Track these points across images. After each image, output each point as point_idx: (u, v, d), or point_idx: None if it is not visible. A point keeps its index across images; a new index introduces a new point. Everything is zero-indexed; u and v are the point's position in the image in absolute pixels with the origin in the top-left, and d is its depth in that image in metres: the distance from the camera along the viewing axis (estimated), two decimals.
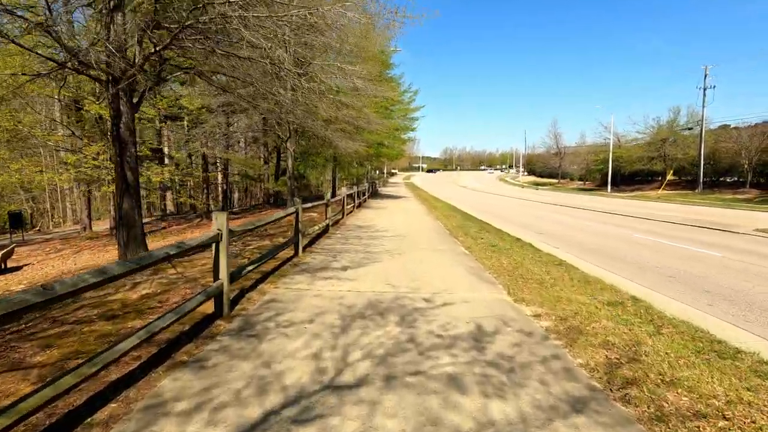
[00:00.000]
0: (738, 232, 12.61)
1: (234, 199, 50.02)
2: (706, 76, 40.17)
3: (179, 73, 7.96)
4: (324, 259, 7.61)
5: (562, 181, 73.10)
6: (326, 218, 11.41)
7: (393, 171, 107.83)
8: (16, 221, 26.03)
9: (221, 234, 4.41)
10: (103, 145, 16.32)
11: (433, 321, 4.33)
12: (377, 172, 74.00)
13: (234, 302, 4.87)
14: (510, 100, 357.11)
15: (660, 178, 48.31)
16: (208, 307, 4.49)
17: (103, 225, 33.44)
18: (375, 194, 34.55)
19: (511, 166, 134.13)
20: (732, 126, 44.55)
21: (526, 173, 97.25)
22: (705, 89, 40.16)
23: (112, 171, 17.24)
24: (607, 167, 50.63)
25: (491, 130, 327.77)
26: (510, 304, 4.94)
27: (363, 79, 16.29)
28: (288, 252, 8.04)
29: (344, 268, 6.78)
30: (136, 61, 6.27)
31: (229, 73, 8.59)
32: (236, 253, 8.15)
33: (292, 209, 7.53)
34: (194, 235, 18.17)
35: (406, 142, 29.83)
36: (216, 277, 4.46)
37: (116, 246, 19.13)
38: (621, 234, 12.15)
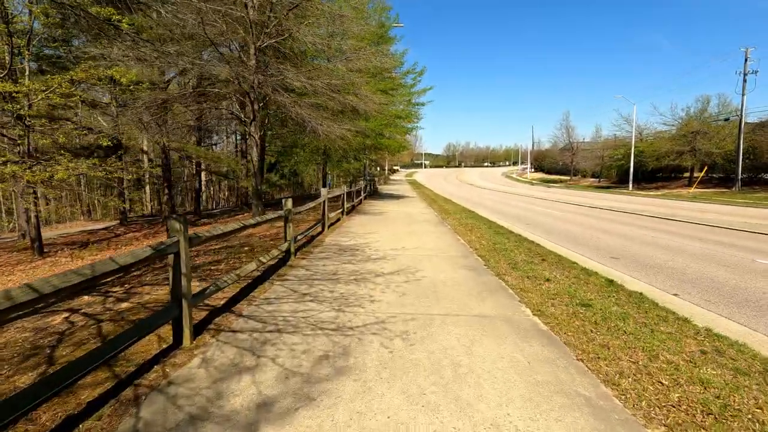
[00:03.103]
0: None
1: (219, 199, 45.84)
2: (746, 59, 35.64)
3: None
4: (230, 361, 3.28)
5: (574, 178, 68.56)
6: (286, 240, 7.11)
7: (394, 167, 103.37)
8: None
9: None
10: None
11: None
12: (377, 168, 69.79)
13: None
14: (515, 96, 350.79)
15: (687, 175, 44.00)
16: None
17: (66, 228, 29.18)
18: (374, 193, 30.23)
19: (515, 163, 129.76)
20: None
21: (533, 170, 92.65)
22: (745, 74, 35.64)
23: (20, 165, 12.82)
24: (627, 163, 46.27)
25: (495, 126, 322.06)
26: None
27: (355, 38, 12.02)
28: (164, 335, 3.75)
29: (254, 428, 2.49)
30: None
31: None
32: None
33: (143, 253, 3.09)
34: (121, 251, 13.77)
35: (411, 132, 25.49)
36: None
37: (31, 263, 14.84)
38: (735, 258, 7.82)
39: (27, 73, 14.62)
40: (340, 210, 13.94)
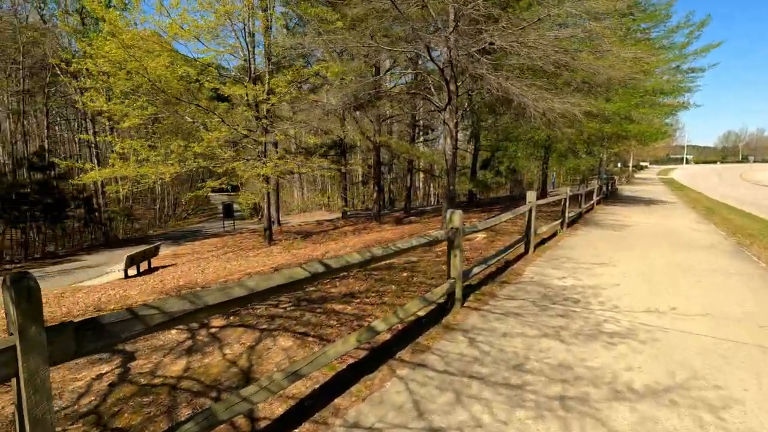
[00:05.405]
0: None
1: (437, 197, 46.24)
2: None
3: None
4: None
5: None
6: (449, 277, 4.39)
7: (642, 163, 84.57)
8: (228, 212, 28.27)
9: None
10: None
11: None
12: (618, 164, 58.28)
13: None
14: None
15: None
16: None
17: (308, 217, 34.38)
18: (611, 195, 23.78)
19: None
20: None
21: None
22: None
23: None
24: None
25: None
26: None
27: None
28: None
29: None
30: None
31: None
32: None
33: None
34: (315, 250, 13.27)
35: (676, 112, 18.13)
36: None
37: (259, 251, 16.69)
38: None
39: (267, 80, 16.13)
40: (559, 220, 10.17)
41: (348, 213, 27.00)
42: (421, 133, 28.06)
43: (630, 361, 3.26)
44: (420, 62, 15.24)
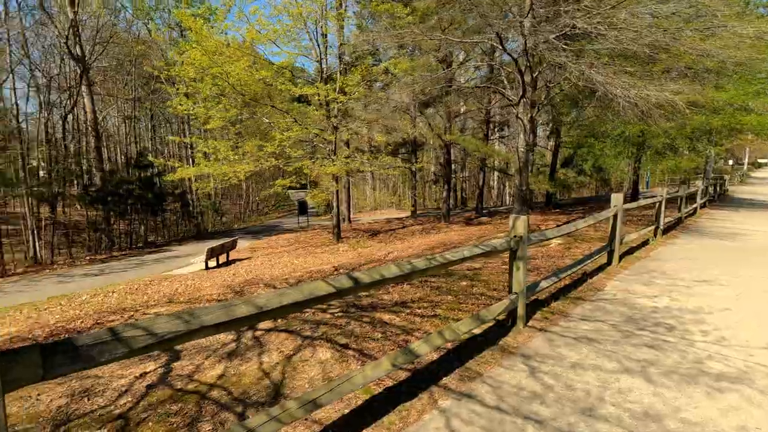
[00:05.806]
0: None
1: (506, 195, 44.05)
2: None
3: None
4: None
5: None
6: (510, 292, 3.85)
7: (761, 160, 73.09)
8: (303, 208, 29.42)
9: None
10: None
11: None
12: (730, 162, 51.13)
13: None
14: None
15: None
16: None
17: (379, 215, 34.69)
18: (719, 198, 20.69)
19: None
20: None
21: None
22: None
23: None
24: None
25: None
26: None
27: None
28: None
29: None
30: None
31: None
32: None
33: None
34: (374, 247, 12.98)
35: None
36: None
37: (326, 248, 16.97)
38: None
39: (339, 79, 16.29)
40: (652, 226, 8.89)
41: (418, 212, 26.64)
42: (496, 129, 26.77)
43: (744, 418, 2.53)
44: (496, 53, 14.40)
